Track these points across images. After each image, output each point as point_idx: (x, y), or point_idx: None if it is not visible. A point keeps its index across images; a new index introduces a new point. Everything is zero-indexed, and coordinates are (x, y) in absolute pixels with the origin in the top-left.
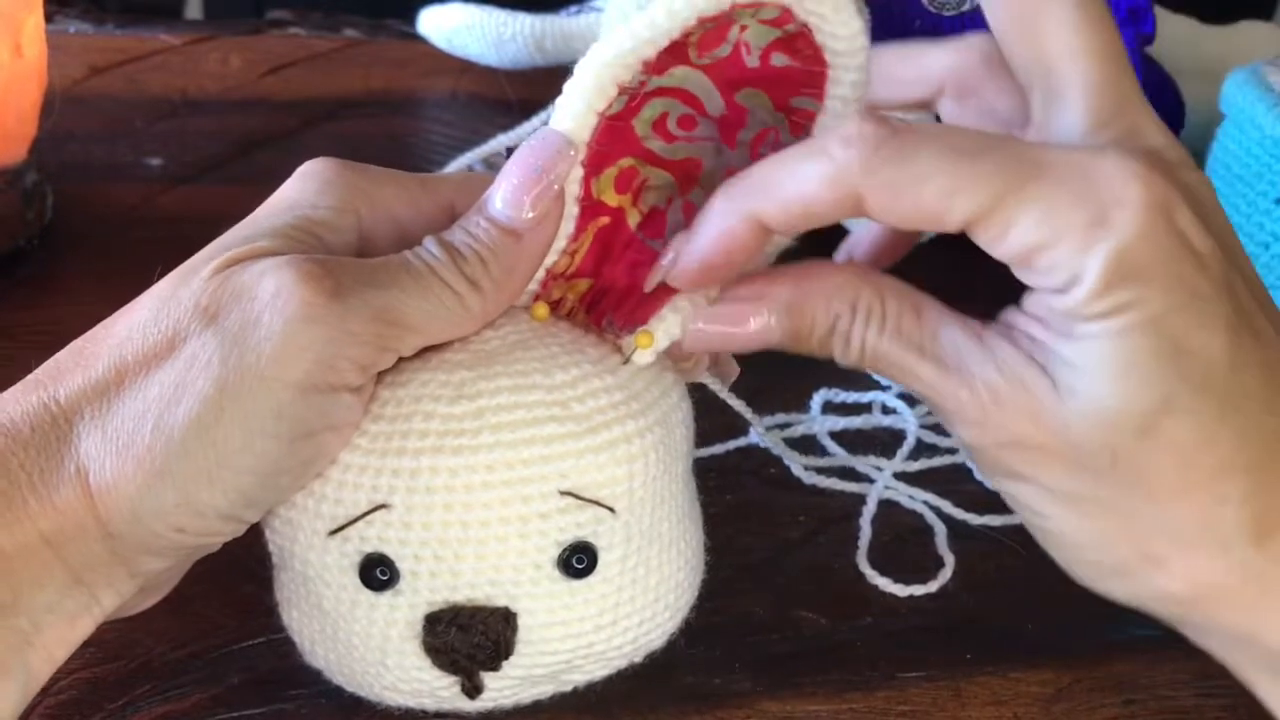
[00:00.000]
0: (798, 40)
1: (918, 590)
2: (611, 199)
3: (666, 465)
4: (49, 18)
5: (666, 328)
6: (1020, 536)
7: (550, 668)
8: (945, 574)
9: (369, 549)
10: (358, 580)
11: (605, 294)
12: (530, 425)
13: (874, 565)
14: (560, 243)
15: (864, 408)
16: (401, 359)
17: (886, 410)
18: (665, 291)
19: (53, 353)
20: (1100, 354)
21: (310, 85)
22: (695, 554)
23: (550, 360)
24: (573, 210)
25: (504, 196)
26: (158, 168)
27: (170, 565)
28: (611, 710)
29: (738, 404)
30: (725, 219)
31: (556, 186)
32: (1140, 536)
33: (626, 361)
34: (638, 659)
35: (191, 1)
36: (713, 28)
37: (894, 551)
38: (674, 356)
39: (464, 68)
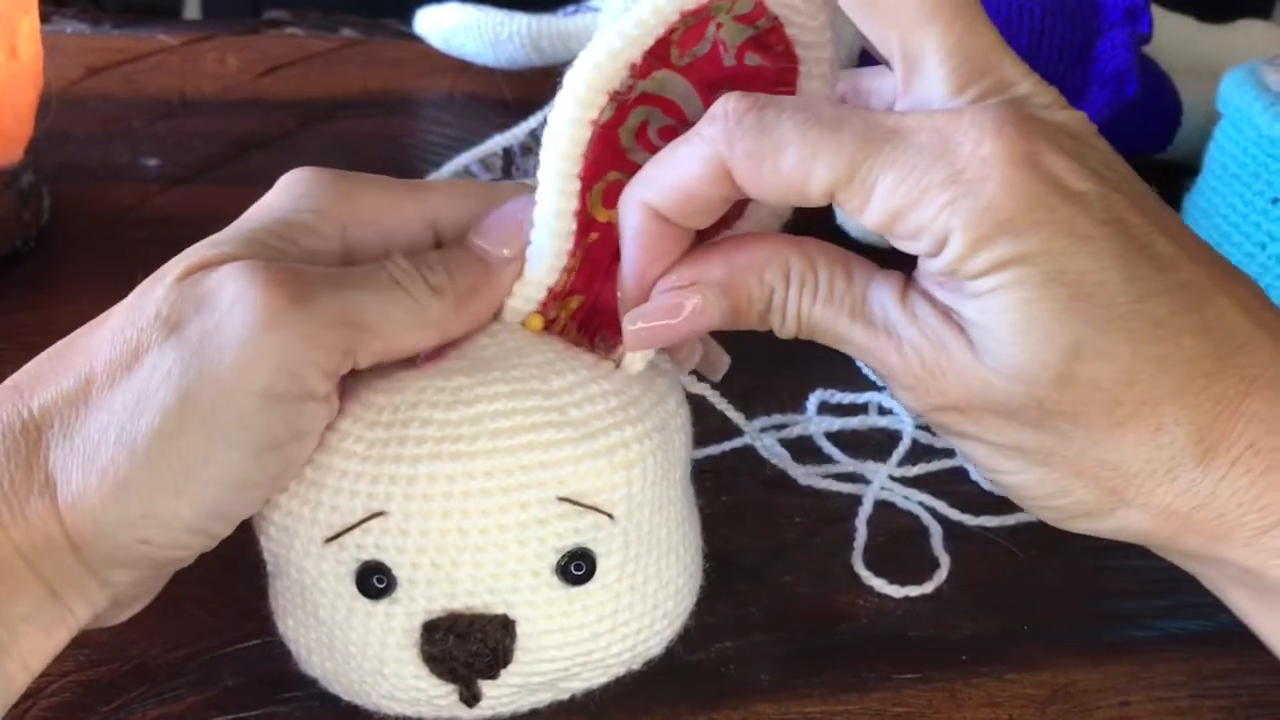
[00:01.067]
0: (770, 36)
1: (913, 591)
2: (601, 214)
3: (665, 470)
4: (46, 18)
5: None
6: (1016, 538)
7: (548, 675)
8: (941, 575)
9: (366, 556)
10: (354, 588)
11: (597, 311)
12: (528, 431)
13: (869, 566)
14: (561, 261)
15: (860, 408)
16: (398, 369)
17: (883, 411)
18: None
19: None
20: (997, 312)
21: (307, 85)
22: (694, 560)
23: (547, 366)
24: (570, 226)
25: (484, 238)
26: (155, 168)
27: (141, 577)
28: (607, 712)
29: (732, 412)
30: (628, 217)
31: (525, 236)
32: (1092, 477)
33: (618, 365)
34: (635, 666)
35: (190, 1)
36: (694, 24)
37: (889, 552)
38: (669, 352)
39: (461, 68)
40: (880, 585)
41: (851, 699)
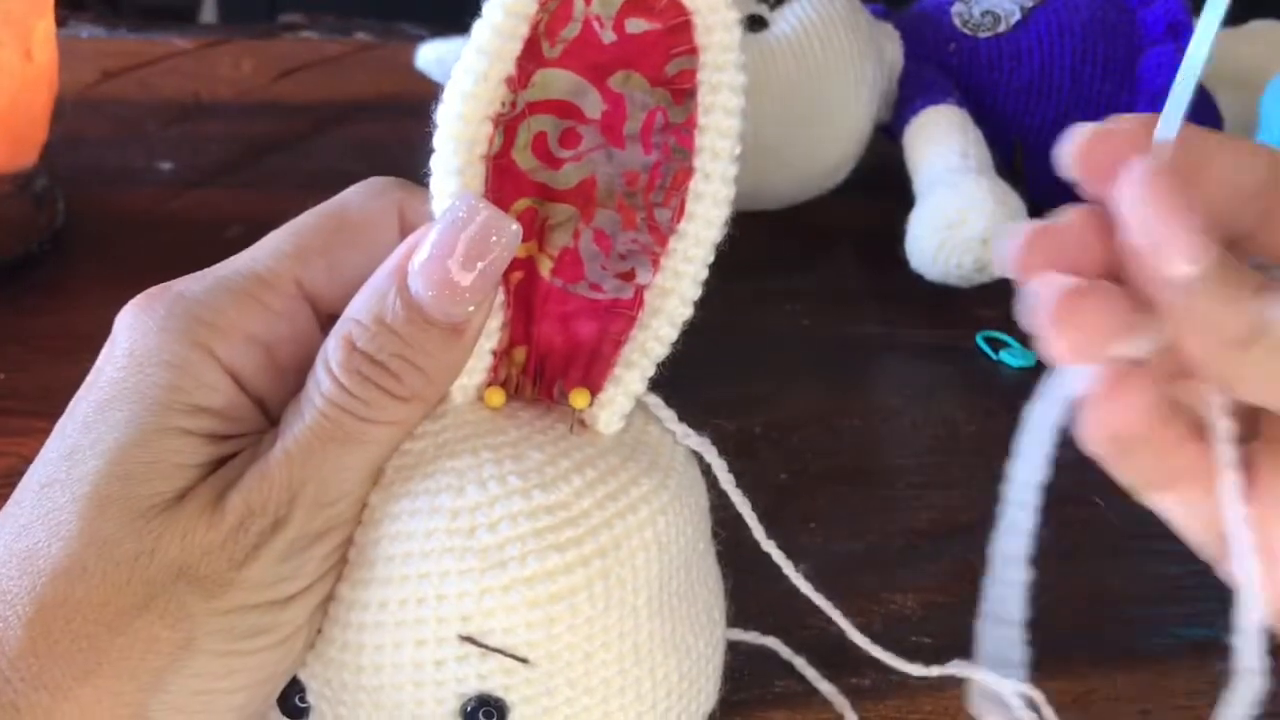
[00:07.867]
0: None
1: (929, 597)
2: (520, 251)
3: (619, 597)
4: (62, 21)
5: (625, 388)
6: (1034, 545)
7: None
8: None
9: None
10: None
11: (546, 357)
12: (424, 559)
13: (884, 570)
14: (497, 317)
15: None
16: None
17: None
18: (614, 346)
19: (66, 358)
20: None
21: (322, 89)
22: (693, 679)
23: (474, 472)
24: None
25: (436, 297)
26: (169, 172)
27: None
28: None
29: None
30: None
31: (498, 268)
32: None
33: (584, 425)
34: None
35: (206, 5)
36: (556, 7)
37: (905, 557)
38: None
39: None
40: (895, 591)
41: (866, 705)
